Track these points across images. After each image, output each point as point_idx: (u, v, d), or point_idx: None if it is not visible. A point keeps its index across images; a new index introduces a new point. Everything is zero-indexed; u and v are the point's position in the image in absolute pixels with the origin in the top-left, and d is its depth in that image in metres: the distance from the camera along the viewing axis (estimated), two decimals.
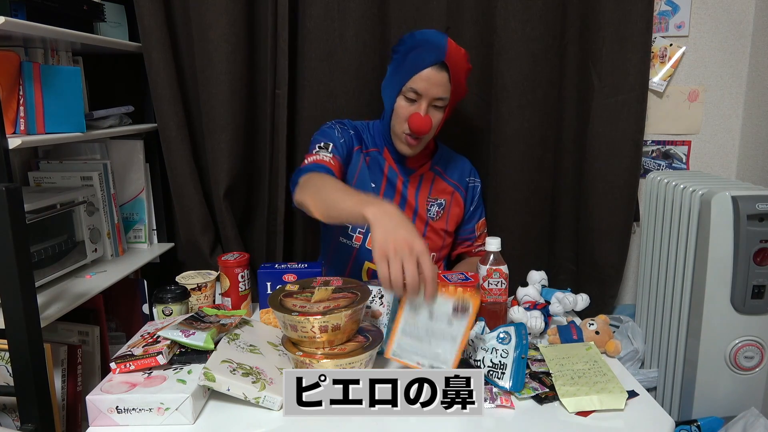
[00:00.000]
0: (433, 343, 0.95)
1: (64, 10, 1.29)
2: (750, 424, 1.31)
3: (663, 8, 1.69)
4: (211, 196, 1.64)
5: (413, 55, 1.25)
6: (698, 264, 1.43)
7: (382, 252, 0.91)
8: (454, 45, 1.25)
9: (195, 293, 1.20)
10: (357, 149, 1.38)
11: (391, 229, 0.92)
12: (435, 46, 1.24)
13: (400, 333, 0.97)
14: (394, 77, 1.29)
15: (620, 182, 1.63)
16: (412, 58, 1.25)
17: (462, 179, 1.49)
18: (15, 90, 1.17)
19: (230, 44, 1.49)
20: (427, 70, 1.23)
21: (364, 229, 1.39)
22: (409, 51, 1.26)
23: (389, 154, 1.39)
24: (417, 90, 1.25)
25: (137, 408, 0.86)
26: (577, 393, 0.90)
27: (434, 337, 0.95)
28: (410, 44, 1.26)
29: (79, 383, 1.33)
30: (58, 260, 1.31)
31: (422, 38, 1.26)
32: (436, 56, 1.23)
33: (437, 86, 1.24)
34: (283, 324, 0.95)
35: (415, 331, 0.97)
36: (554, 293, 1.18)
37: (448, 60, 1.23)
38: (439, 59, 1.23)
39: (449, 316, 0.95)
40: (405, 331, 0.97)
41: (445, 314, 0.95)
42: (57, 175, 1.48)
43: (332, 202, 1.09)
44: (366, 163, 1.38)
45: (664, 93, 1.74)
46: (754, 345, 1.38)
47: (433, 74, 1.24)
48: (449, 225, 1.46)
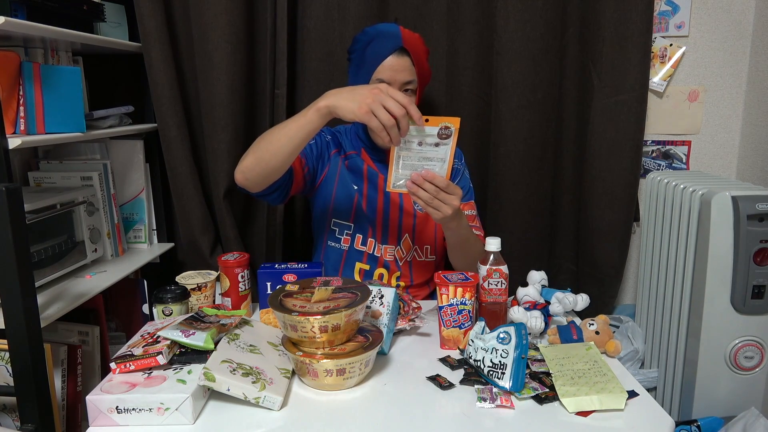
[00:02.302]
0: (427, 166, 1.12)
1: (64, 10, 1.29)
2: (750, 424, 1.31)
3: (663, 8, 1.69)
4: (211, 196, 1.64)
5: (371, 48, 1.27)
6: (698, 264, 1.43)
7: (364, 109, 1.02)
8: (407, 31, 1.29)
9: (195, 293, 1.20)
10: (335, 152, 1.39)
11: (353, 93, 1.06)
12: (390, 34, 1.27)
13: (399, 168, 1.13)
14: (357, 76, 1.30)
15: (620, 182, 1.63)
16: (371, 52, 1.27)
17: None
18: (15, 90, 1.17)
19: (230, 44, 1.49)
20: (388, 58, 1.26)
21: (351, 231, 1.38)
22: (366, 46, 1.28)
23: (367, 155, 1.39)
24: (384, 79, 1.26)
25: (137, 408, 0.86)
26: (577, 393, 0.90)
27: (427, 161, 1.12)
28: (365, 40, 1.29)
29: (79, 383, 1.33)
30: (58, 260, 1.31)
31: (375, 31, 1.29)
32: (394, 43, 1.26)
33: (402, 71, 1.27)
34: (283, 324, 0.95)
35: (409, 162, 1.12)
36: (554, 293, 1.18)
37: (406, 44, 1.26)
38: (397, 45, 1.26)
39: (436, 140, 1.10)
40: (402, 165, 1.13)
41: (431, 139, 1.10)
42: (57, 175, 1.48)
43: (279, 136, 1.13)
44: (346, 167, 1.38)
45: (664, 93, 1.74)
46: (754, 345, 1.38)
47: (396, 60, 1.26)
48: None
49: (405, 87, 1.28)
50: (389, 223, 1.38)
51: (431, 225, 1.42)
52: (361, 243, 1.39)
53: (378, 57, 1.26)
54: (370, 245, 1.38)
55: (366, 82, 1.28)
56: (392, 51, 1.26)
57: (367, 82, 1.28)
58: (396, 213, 1.38)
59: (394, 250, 1.39)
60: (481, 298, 1.14)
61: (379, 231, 1.38)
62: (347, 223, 1.38)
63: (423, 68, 1.31)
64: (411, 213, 1.40)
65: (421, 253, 1.42)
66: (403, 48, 1.26)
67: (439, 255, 1.45)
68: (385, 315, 1.10)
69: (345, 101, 1.05)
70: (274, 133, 1.15)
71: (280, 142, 1.13)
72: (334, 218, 1.39)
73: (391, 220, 1.38)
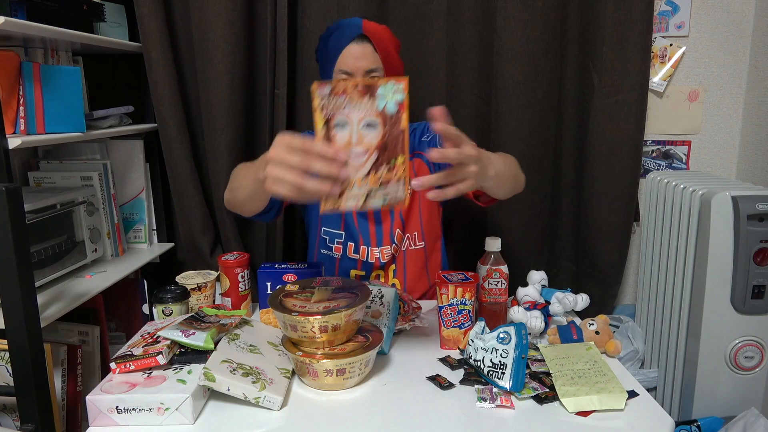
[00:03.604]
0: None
1: (64, 10, 1.29)
2: (750, 424, 1.31)
3: (663, 8, 1.69)
4: (211, 196, 1.64)
5: (332, 40, 1.25)
6: (698, 264, 1.43)
7: (270, 185, 0.80)
8: (371, 22, 1.26)
9: (195, 293, 1.20)
10: None
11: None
12: (350, 24, 1.25)
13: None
14: (323, 73, 1.28)
15: (620, 182, 1.63)
16: (332, 43, 1.25)
17: (416, 144, 1.36)
18: (15, 90, 1.17)
19: (230, 44, 1.49)
20: (349, 45, 1.23)
21: (342, 240, 1.37)
22: (327, 39, 1.26)
23: None
24: (345, 69, 1.23)
25: (137, 408, 0.85)
26: (577, 393, 0.90)
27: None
28: (326, 35, 1.27)
29: (79, 383, 1.33)
30: (58, 260, 1.31)
31: (336, 25, 1.27)
32: (353, 31, 1.23)
33: (363, 58, 1.22)
34: (283, 324, 0.95)
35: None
36: (554, 293, 1.18)
37: (366, 31, 1.23)
38: (356, 33, 1.23)
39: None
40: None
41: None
42: (57, 175, 1.48)
43: (244, 184, 1.05)
44: None
45: (664, 93, 1.74)
46: (754, 345, 1.38)
47: (356, 48, 1.23)
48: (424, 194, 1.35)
49: (369, 75, 1.23)
50: (381, 226, 1.35)
51: (414, 210, 1.36)
52: (354, 251, 1.36)
53: (338, 47, 1.23)
54: (363, 252, 1.35)
55: (330, 76, 1.26)
56: (352, 39, 1.22)
57: (331, 76, 1.25)
58: (387, 215, 1.36)
59: (390, 248, 1.36)
60: (481, 298, 1.15)
61: (373, 237, 1.35)
62: (338, 231, 1.36)
63: (389, 57, 1.27)
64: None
65: (412, 242, 1.38)
66: (363, 35, 1.23)
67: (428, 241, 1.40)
68: (385, 315, 1.10)
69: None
70: (240, 177, 1.07)
71: (246, 191, 1.06)
72: (324, 227, 1.37)
73: (383, 223, 1.36)
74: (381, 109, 0.80)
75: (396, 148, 0.82)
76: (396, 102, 0.80)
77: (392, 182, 0.83)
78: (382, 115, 0.80)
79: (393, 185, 0.83)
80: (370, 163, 0.81)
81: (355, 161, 0.81)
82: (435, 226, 1.42)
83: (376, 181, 0.83)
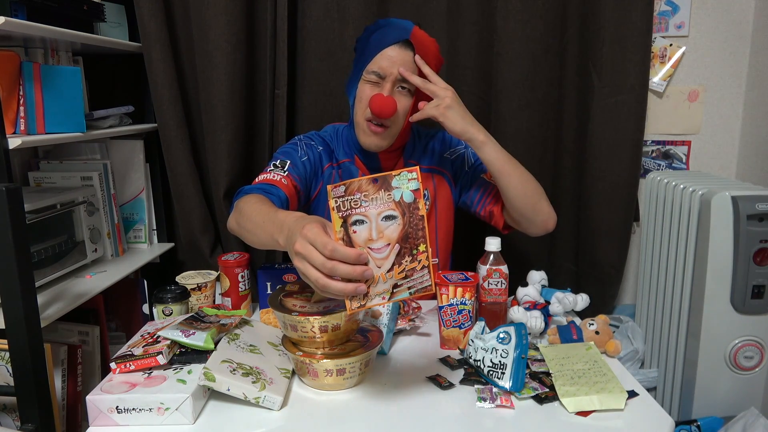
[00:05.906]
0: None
1: (64, 10, 1.29)
2: (750, 424, 1.31)
3: (663, 8, 1.69)
4: (211, 196, 1.64)
5: (375, 37, 1.18)
6: (698, 264, 1.43)
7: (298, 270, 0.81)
8: (422, 31, 1.19)
9: (195, 293, 1.20)
10: (327, 166, 1.30)
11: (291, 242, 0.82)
12: (400, 26, 1.18)
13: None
14: (356, 66, 1.21)
15: (620, 182, 1.63)
16: (374, 40, 1.18)
17: (438, 160, 1.35)
18: (15, 90, 1.17)
19: (230, 44, 1.49)
20: (389, 47, 1.15)
21: None
22: (371, 34, 1.19)
23: (360, 162, 1.30)
24: (379, 71, 1.16)
25: (137, 408, 0.86)
26: (577, 393, 0.90)
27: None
28: (373, 29, 1.20)
29: (79, 383, 1.33)
30: (58, 260, 1.31)
31: (386, 22, 1.20)
32: (400, 34, 1.16)
33: (399, 65, 1.15)
34: (283, 324, 0.95)
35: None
36: (554, 293, 1.18)
37: (413, 39, 1.16)
38: (402, 37, 1.16)
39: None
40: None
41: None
42: (57, 175, 1.48)
43: (255, 229, 1.01)
44: (339, 177, 1.30)
45: (664, 93, 1.74)
46: (754, 345, 1.38)
47: (397, 52, 1.15)
48: (442, 211, 1.37)
49: (401, 85, 1.18)
50: None
51: (431, 230, 1.35)
52: None
53: (380, 44, 1.16)
54: None
55: (362, 70, 1.19)
56: (396, 41, 1.15)
57: (362, 70, 1.19)
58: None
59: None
60: (481, 298, 1.15)
61: None
62: None
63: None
64: None
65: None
66: (408, 41, 1.16)
67: (441, 256, 1.43)
68: (385, 315, 1.10)
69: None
70: (255, 223, 1.01)
71: (258, 241, 1.02)
72: None
73: None
74: (398, 199, 0.80)
75: (417, 237, 0.81)
76: (411, 190, 0.80)
77: (416, 272, 0.81)
78: (400, 205, 0.80)
79: (417, 275, 0.81)
80: (393, 256, 0.80)
81: (377, 256, 0.80)
82: (448, 242, 1.41)
83: (401, 274, 0.81)
